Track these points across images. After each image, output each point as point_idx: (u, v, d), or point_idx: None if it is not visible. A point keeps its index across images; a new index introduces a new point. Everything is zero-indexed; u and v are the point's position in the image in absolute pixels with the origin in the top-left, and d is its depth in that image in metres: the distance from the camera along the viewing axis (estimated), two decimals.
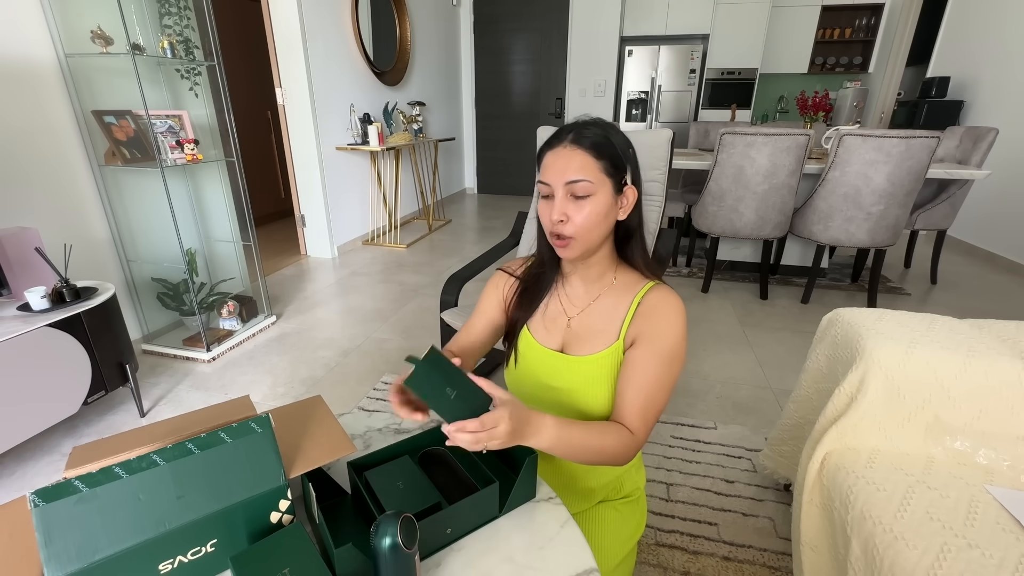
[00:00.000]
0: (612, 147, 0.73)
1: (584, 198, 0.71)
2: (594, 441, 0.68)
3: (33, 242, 1.60)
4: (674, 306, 0.76)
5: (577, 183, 0.70)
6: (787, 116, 5.47)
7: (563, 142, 0.73)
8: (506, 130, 5.88)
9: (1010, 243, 3.45)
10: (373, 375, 2.08)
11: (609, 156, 0.72)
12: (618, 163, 0.73)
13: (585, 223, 0.72)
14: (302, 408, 0.78)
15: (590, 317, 0.82)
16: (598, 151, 0.71)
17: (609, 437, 0.69)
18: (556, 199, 0.72)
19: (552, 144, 0.74)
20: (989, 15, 3.81)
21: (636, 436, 0.72)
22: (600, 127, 0.74)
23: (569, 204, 0.72)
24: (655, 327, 0.75)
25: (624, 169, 0.74)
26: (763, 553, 1.25)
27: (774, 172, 2.57)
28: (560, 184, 0.71)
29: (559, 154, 0.72)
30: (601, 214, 0.73)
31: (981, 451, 0.95)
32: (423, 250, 3.88)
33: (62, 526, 0.51)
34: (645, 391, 0.73)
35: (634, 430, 0.72)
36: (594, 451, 0.68)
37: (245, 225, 2.47)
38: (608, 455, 0.69)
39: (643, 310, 0.77)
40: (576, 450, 0.67)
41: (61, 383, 1.55)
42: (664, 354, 0.74)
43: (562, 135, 0.74)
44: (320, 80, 3.32)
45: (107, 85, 2.03)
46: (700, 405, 1.88)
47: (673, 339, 0.74)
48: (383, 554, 0.50)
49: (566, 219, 0.72)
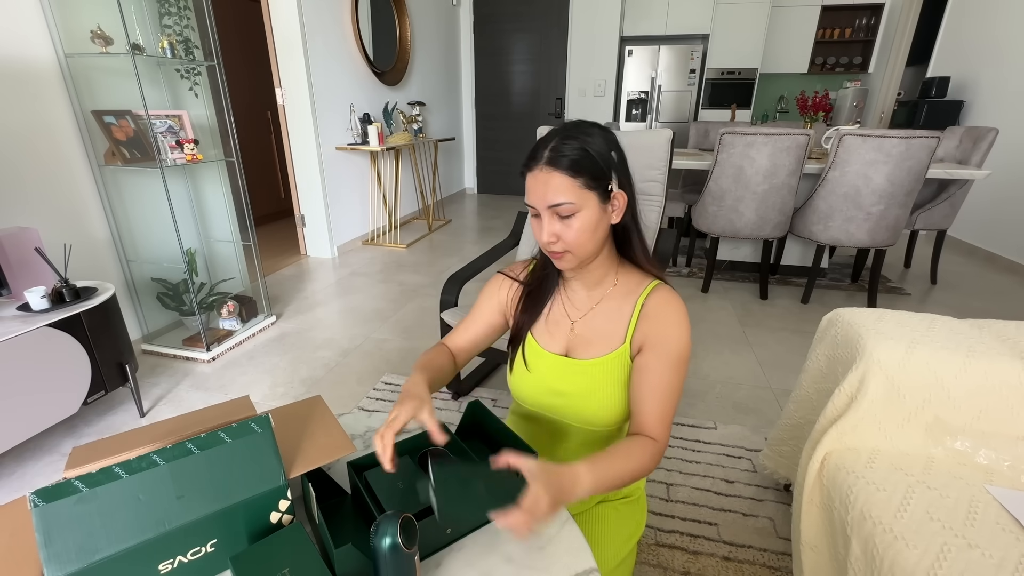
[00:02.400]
0: (591, 160, 0.70)
1: (569, 217, 0.71)
2: (628, 466, 0.68)
3: (33, 242, 1.60)
4: (677, 308, 0.77)
5: (559, 206, 0.70)
6: (787, 116, 5.47)
7: (539, 163, 0.70)
8: (506, 130, 5.88)
9: (1010, 243, 3.45)
10: (373, 375, 2.08)
11: (588, 171, 0.69)
12: (599, 174, 0.70)
13: (575, 239, 0.71)
14: (302, 408, 0.78)
15: (594, 321, 0.81)
16: (575, 169, 0.69)
17: (637, 456, 0.69)
18: (543, 220, 0.72)
19: (530, 165, 0.72)
20: (989, 15, 3.81)
21: (659, 443, 0.72)
22: (576, 139, 0.70)
23: (556, 223, 0.71)
24: (661, 331, 0.75)
25: (607, 177, 0.72)
26: (763, 553, 1.25)
27: (774, 172, 2.57)
28: (543, 207, 0.71)
29: (536, 178, 0.71)
30: (590, 228, 0.72)
31: (981, 451, 0.94)
32: (423, 250, 3.88)
33: (62, 526, 0.51)
34: (661, 397, 0.73)
35: (657, 437, 0.72)
36: (630, 474, 0.68)
37: (245, 225, 2.47)
38: (643, 471, 0.70)
39: (647, 312, 0.77)
40: (614, 482, 0.66)
41: (61, 383, 1.55)
42: (673, 358, 0.74)
43: (538, 155, 0.71)
44: (320, 80, 3.32)
45: (107, 85, 2.03)
46: (700, 405, 1.88)
47: (679, 342, 0.75)
48: (383, 554, 0.50)
49: (555, 239, 0.72)
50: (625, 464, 0.67)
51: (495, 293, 0.89)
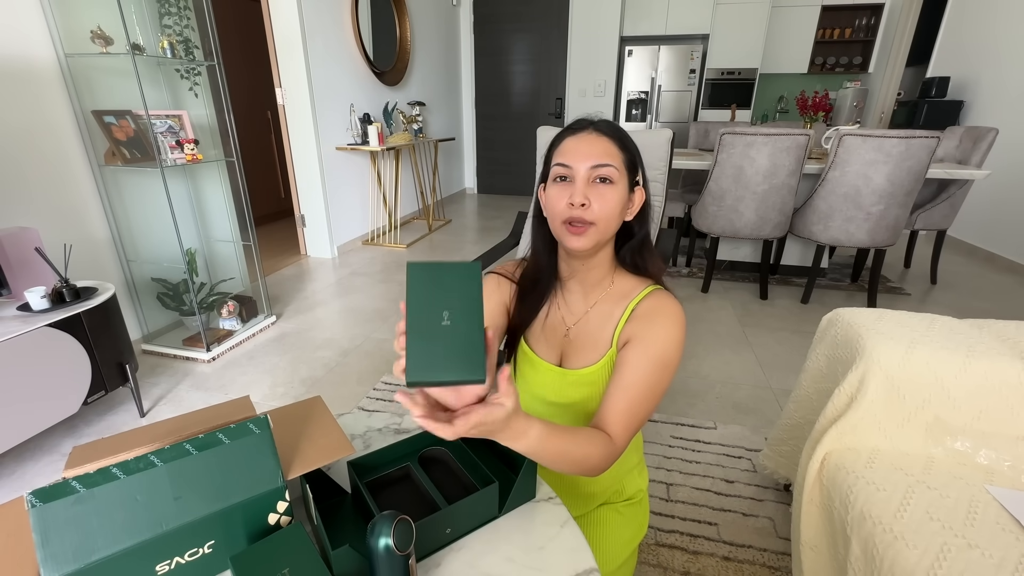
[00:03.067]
0: (631, 146, 0.74)
1: (607, 184, 0.70)
2: (578, 451, 0.61)
3: (33, 242, 1.60)
4: (671, 311, 0.72)
5: (603, 167, 0.70)
6: (787, 116, 5.46)
7: (586, 129, 0.73)
8: (506, 130, 5.88)
9: (1010, 243, 3.45)
10: (373, 375, 2.08)
11: (630, 152, 0.73)
12: (635, 160, 0.75)
13: (606, 209, 0.69)
14: (301, 409, 0.78)
15: (587, 326, 0.79)
16: (622, 142, 0.73)
17: (592, 447, 0.63)
18: (577, 183, 0.70)
19: (575, 130, 0.74)
20: (989, 15, 3.81)
21: (616, 445, 0.66)
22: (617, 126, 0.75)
23: (592, 189, 0.69)
24: (649, 329, 0.71)
25: (637, 169, 0.75)
26: (763, 553, 1.25)
27: (774, 172, 2.57)
28: (584, 167, 0.69)
29: (583, 139, 0.72)
30: (620, 205, 0.72)
31: (981, 451, 0.94)
32: (423, 250, 3.88)
33: (59, 527, 0.50)
34: (630, 394, 0.68)
35: (614, 437, 0.66)
36: (576, 461, 0.61)
37: (245, 225, 2.47)
38: (589, 466, 0.63)
39: (638, 314, 0.74)
40: (555, 457, 0.59)
41: (61, 383, 1.55)
42: (655, 357, 0.69)
43: (583, 123, 0.74)
44: (320, 80, 3.32)
45: (107, 85, 2.03)
46: (700, 405, 1.88)
47: (666, 343, 0.70)
48: (379, 554, 0.50)
49: (588, 203, 0.69)
50: (576, 448, 0.61)
51: (494, 291, 0.85)
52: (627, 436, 0.67)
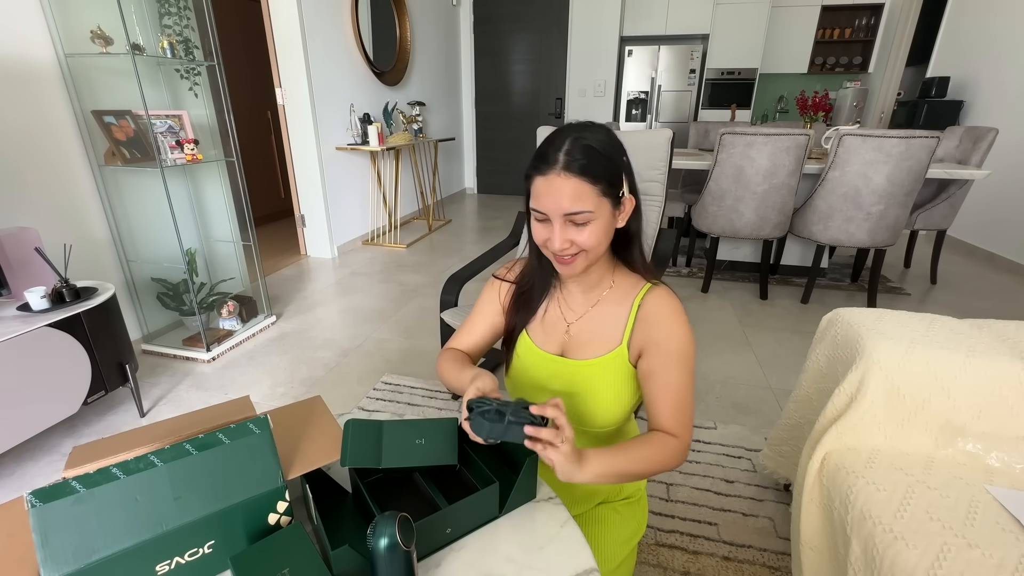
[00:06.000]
0: (607, 165, 0.68)
1: (584, 224, 0.68)
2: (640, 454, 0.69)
3: (33, 242, 1.60)
4: (673, 307, 0.76)
5: (576, 214, 0.67)
6: (787, 116, 5.46)
7: (553, 168, 0.66)
8: (506, 130, 5.88)
9: (1010, 243, 3.45)
10: (373, 375, 2.08)
11: (604, 176, 0.67)
12: (614, 180, 0.69)
13: (592, 240, 0.69)
14: (301, 409, 0.78)
15: (590, 322, 0.81)
16: (593, 176, 0.66)
17: (651, 449, 0.70)
18: (555, 227, 0.69)
19: (541, 169, 0.67)
20: (989, 15, 3.81)
21: (680, 439, 0.73)
22: (589, 140, 0.67)
23: (570, 230, 0.69)
24: (661, 333, 0.75)
25: (620, 183, 0.70)
26: (763, 553, 1.25)
27: (774, 172, 2.57)
28: (557, 215, 0.68)
29: (551, 182, 0.66)
30: (604, 233, 0.71)
31: (982, 451, 0.94)
32: (423, 250, 3.88)
33: (59, 527, 0.50)
34: (674, 397, 0.73)
35: (676, 433, 0.73)
36: (644, 462, 0.69)
37: (245, 225, 2.47)
38: (661, 463, 0.70)
39: (643, 315, 0.77)
40: (624, 470, 0.68)
41: (61, 383, 1.55)
42: (676, 356, 0.74)
43: (550, 158, 0.67)
44: (320, 80, 3.31)
45: (107, 85, 2.02)
46: (700, 405, 1.88)
47: (680, 339, 0.74)
48: (380, 554, 0.50)
49: (569, 245, 0.69)
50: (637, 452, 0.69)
51: (495, 295, 0.89)
52: (685, 428, 0.74)
